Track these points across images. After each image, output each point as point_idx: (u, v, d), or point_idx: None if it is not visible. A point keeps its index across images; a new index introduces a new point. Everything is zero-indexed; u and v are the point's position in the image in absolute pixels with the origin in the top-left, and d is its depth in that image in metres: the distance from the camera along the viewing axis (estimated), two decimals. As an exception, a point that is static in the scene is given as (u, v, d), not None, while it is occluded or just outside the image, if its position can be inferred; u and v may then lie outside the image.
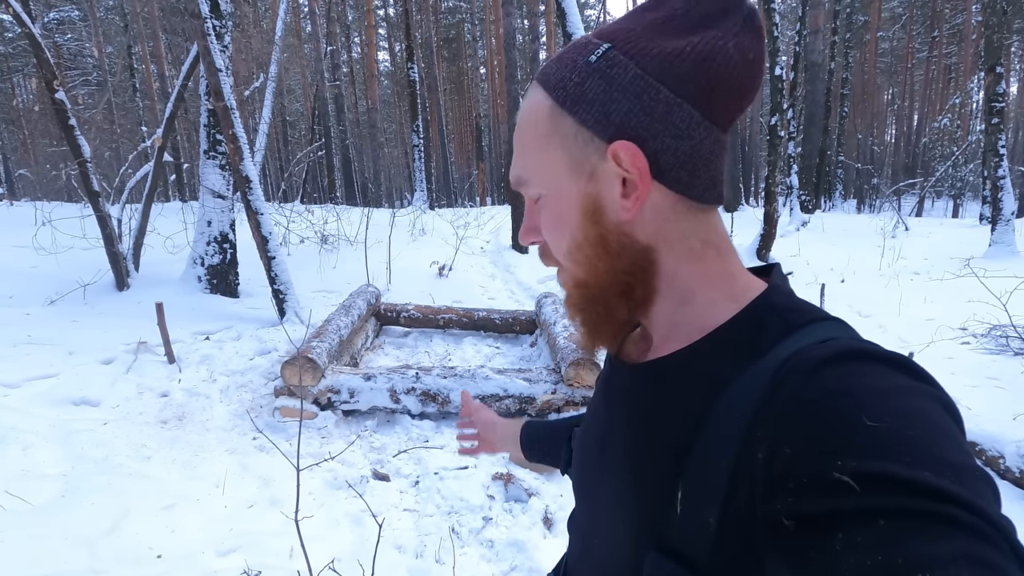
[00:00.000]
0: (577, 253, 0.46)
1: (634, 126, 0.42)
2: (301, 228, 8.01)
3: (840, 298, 5.34)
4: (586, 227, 0.45)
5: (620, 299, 0.47)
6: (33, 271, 5.20)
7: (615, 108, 0.42)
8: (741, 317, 0.44)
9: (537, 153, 0.46)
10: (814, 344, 0.38)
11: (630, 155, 0.42)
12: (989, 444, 2.60)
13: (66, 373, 3.31)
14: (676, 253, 0.45)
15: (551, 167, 0.45)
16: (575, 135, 0.44)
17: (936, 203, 23.93)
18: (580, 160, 0.44)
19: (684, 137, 0.42)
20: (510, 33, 10.21)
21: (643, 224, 0.44)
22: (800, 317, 0.42)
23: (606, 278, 0.46)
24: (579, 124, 0.43)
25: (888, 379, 0.34)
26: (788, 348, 0.39)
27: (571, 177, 0.45)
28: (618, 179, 0.43)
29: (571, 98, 0.43)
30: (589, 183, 0.44)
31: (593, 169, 0.44)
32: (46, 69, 4.60)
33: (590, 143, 0.43)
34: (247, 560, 1.94)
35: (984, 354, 3.79)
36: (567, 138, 0.44)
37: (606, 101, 0.42)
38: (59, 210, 6.89)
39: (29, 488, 2.24)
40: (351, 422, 3.20)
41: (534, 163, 0.47)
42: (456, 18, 27.36)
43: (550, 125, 0.45)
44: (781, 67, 7.86)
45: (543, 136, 0.45)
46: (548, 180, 0.46)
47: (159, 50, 17.62)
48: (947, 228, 10.44)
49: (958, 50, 23.88)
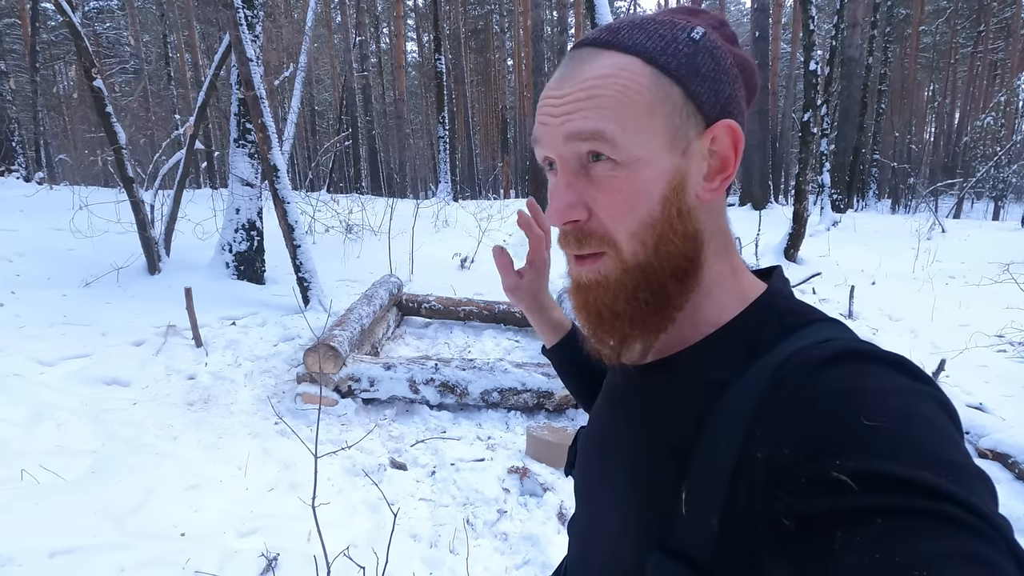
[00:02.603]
0: (649, 231, 0.43)
1: (732, 111, 0.44)
2: (326, 217, 8.11)
3: (870, 301, 5.20)
4: (669, 203, 0.43)
5: (678, 284, 0.44)
6: (70, 253, 5.38)
7: (722, 89, 0.43)
8: (741, 318, 0.44)
9: (634, 117, 0.42)
10: (813, 345, 0.39)
11: (732, 137, 0.43)
12: (1022, 457, 2.51)
13: (99, 353, 3.42)
14: (711, 247, 0.46)
15: (650, 134, 0.42)
16: (683, 107, 0.42)
17: (976, 205, 23.06)
18: (681, 133, 0.43)
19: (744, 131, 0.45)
20: (538, 25, 10.14)
21: (707, 211, 0.45)
22: (798, 318, 0.43)
23: (669, 261, 0.44)
24: (687, 97, 0.42)
25: (886, 379, 0.35)
26: (787, 349, 0.39)
27: (669, 148, 0.42)
28: (705, 160, 0.44)
29: (685, 68, 0.42)
30: (682, 158, 0.43)
31: (688, 144, 0.43)
32: (85, 57, 4.73)
33: (692, 117, 0.43)
34: (266, 542, 1.98)
35: (1021, 363, 3.65)
36: (675, 108, 0.42)
37: (716, 80, 0.43)
38: (95, 195, 7.11)
39: (62, 463, 2.32)
40: (370, 410, 3.24)
41: (627, 126, 0.42)
42: (484, 9, 27.25)
43: (657, 92, 0.42)
44: (816, 62, 7.63)
45: (645, 103, 0.42)
46: (642, 146, 0.42)
47: (193, 39, 17.98)
48: (986, 231, 10.05)
49: (1005, 45, 22.90)
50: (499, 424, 3.18)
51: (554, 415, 3.26)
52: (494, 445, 2.94)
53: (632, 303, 0.44)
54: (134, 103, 11.25)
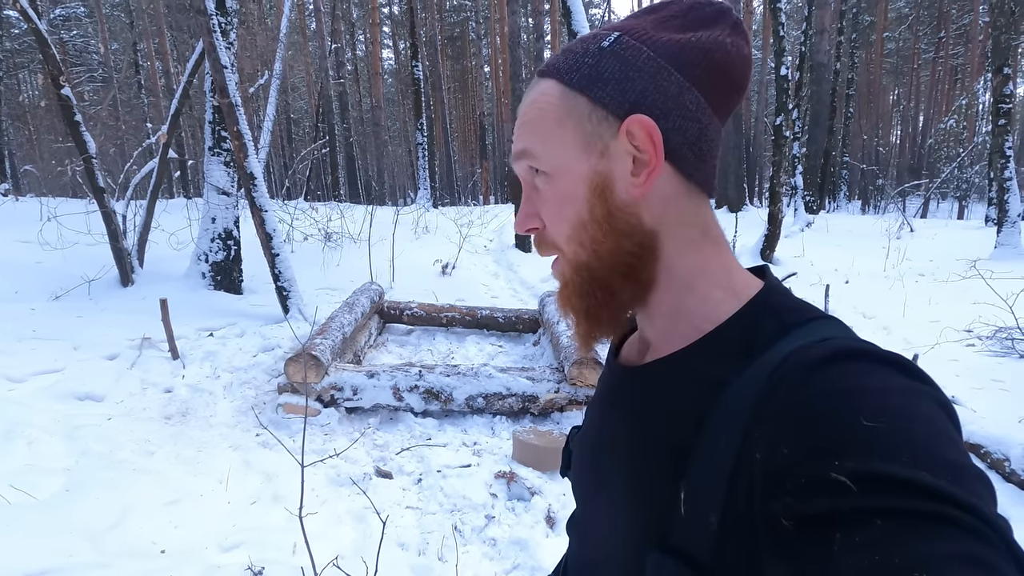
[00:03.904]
0: (582, 233, 0.46)
1: (649, 104, 0.43)
2: (305, 225, 8.02)
3: (844, 299, 5.32)
4: (594, 204, 0.45)
5: (623, 281, 0.47)
6: (38, 266, 5.22)
7: (631, 86, 0.44)
8: (739, 316, 0.44)
9: (547, 132, 0.46)
10: (811, 344, 0.38)
11: (645, 130, 0.43)
12: (994, 447, 2.59)
13: (71, 368, 3.32)
14: (677, 241, 0.46)
15: (563, 144, 0.46)
16: (590, 114, 0.45)
17: (941, 205, 23.81)
18: (593, 137, 0.45)
19: (693, 120, 0.44)
20: (515, 31, 10.20)
21: (649, 206, 0.45)
22: (797, 316, 0.42)
23: (609, 259, 0.46)
24: (593, 103, 0.44)
25: (885, 379, 0.34)
26: (785, 348, 0.39)
27: (582, 154, 0.45)
28: (629, 157, 0.44)
29: (586, 79, 0.45)
30: (600, 160, 0.45)
31: (605, 147, 0.45)
32: (52, 65, 4.61)
33: (604, 121, 0.44)
34: (250, 556, 1.94)
35: (989, 356, 3.77)
36: (582, 117, 0.45)
37: (622, 79, 0.44)
38: (64, 206, 6.92)
39: (34, 482, 2.24)
40: (354, 419, 3.20)
41: (543, 140, 0.46)
42: (460, 16, 27.33)
43: (563, 107, 0.45)
44: (786, 67, 7.83)
45: (555, 118, 0.46)
46: (558, 157, 0.46)
47: (164, 47, 17.67)
48: (952, 230, 10.38)
49: (965, 51, 23.73)
50: (485, 429, 3.17)
51: (539, 419, 3.26)
52: (480, 451, 2.93)
53: (585, 299, 0.48)
54: (104, 112, 10.99)
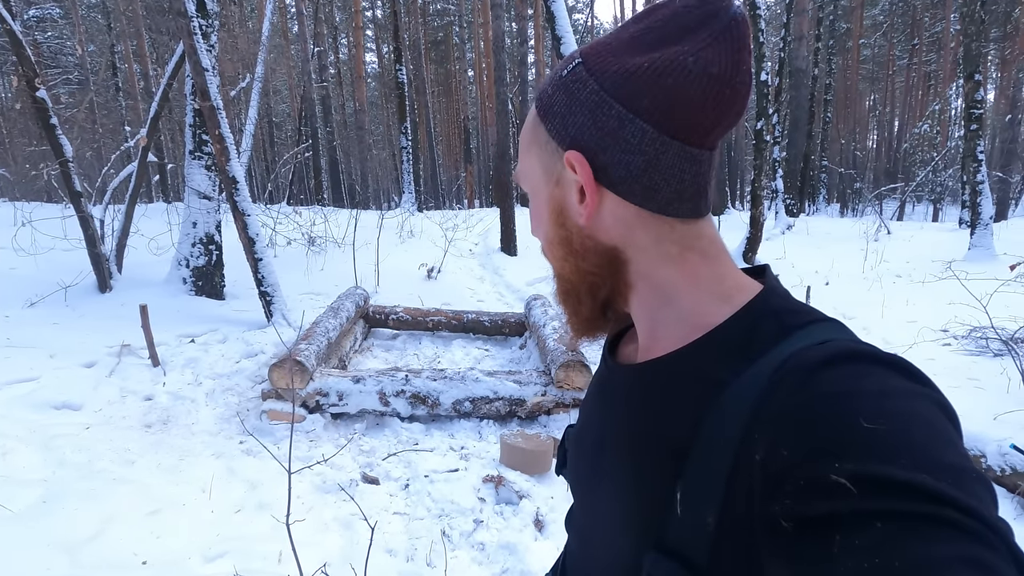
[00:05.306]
0: (554, 248, 0.51)
1: (585, 139, 0.45)
2: (288, 230, 7.94)
3: (825, 300, 5.41)
4: (554, 227, 0.50)
5: (587, 295, 0.50)
6: (12, 273, 5.09)
7: (572, 121, 0.45)
8: (737, 318, 0.43)
9: (525, 156, 0.51)
10: (811, 346, 0.38)
11: (578, 165, 0.45)
12: (971, 444, 2.65)
13: (47, 377, 3.24)
14: (650, 256, 0.46)
15: (534, 169, 0.50)
16: (546, 143, 0.48)
17: (916, 207, 24.35)
18: (550, 166, 0.48)
19: (635, 152, 0.43)
20: (499, 36, 10.22)
21: (606, 229, 0.47)
22: (797, 318, 0.42)
23: (573, 275, 0.50)
24: (549, 134, 0.47)
25: (886, 381, 0.35)
26: (786, 350, 0.39)
27: (545, 181, 0.49)
28: (576, 186, 0.46)
29: (543, 109, 0.48)
30: (556, 188, 0.48)
31: (559, 176, 0.48)
32: (27, 67, 4.52)
33: (556, 152, 0.47)
34: (235, 565, 1.91)
35: (965, 355, 3.85)
36: (542, 145, 0.48)
37: (566, 114, 0.45)
38: (39, 211, 6.76)
39: (9, 494, 2.18)
40: (340, 425, 3.17)
41: (524, 162, 0.52)
42: (444, 20, 27.32)
43: (533, 134, 0.49)
44: (766, 72, 7.97)
45: (528, 142, 0.50)
46: (532, 179, 0.51)
47: (143, 49, 17.36)
48: (927, 232, 10.62)
49: (937, 58, 24.35)
50: (472, 433, 3.16)
51: (527, 422, 3.26)
52: (468, 455, 2.91)
53: (564, 305, 0.53)
54: (80, 115, 10.77)
